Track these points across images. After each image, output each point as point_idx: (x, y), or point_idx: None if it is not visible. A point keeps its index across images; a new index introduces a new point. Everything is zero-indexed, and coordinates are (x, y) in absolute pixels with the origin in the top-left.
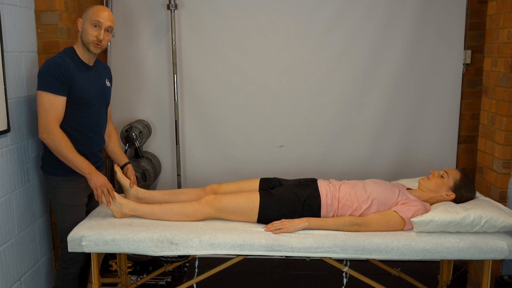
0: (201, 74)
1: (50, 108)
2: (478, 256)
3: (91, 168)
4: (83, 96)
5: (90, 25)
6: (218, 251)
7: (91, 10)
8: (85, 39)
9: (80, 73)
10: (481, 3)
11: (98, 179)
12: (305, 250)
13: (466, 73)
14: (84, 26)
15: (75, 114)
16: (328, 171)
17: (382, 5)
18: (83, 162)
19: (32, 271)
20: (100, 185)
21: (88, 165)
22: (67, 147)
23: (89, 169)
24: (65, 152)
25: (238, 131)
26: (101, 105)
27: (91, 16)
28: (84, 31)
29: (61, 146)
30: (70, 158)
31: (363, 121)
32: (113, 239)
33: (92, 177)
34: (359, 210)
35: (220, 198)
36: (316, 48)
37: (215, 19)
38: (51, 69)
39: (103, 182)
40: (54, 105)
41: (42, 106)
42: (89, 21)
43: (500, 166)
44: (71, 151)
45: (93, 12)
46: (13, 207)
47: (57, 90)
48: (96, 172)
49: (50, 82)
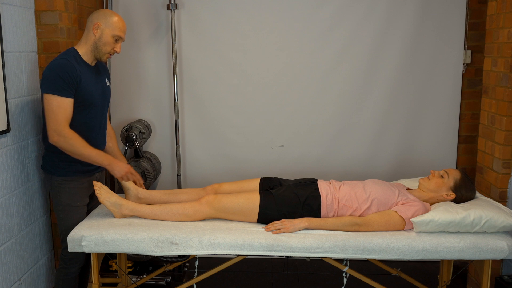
0: (201, 74)
1: (59, 111)
2: (478, 256)
3: (110, 159)
4: (88, 97)
5: (111, 36)
6: (218, 251)
7: (114, 20)
8: (102, 48)
9: (86, 75)
10: (481, 3)
11: (120, 168)
12: (305, 250)
13: (466, 73)
14: (103, 34)
15: (80, 114)
16: (328, 171)
17: (382, 5)
18: (100, 155)
19: (32, 271)
20: (125, 173)
21: (106, 157)
22: (81, 144)
23: (108, 160)
24: (81, 150)
25: (238, 131)
26: (104, 105)
27: (114, 28)
28: (103, 40)
29: (75, 146)
30: (87, 155)
31: (363, 121)
32: (113, 239)
33: (114, 167)
34: (359, 211)
35: (220, 198)
36: (316, 48)
37: (215, 19)
38: (57, 71)
39: (126, 168)
40: (63, 107)
41: (51, 109)
42: (111, 32)
43: (500, 166)
44: (85, 147)
45: (117, 25)
46: (13, 207)
47: (65, 92)
48: (116, 162)
49: (58, 85)
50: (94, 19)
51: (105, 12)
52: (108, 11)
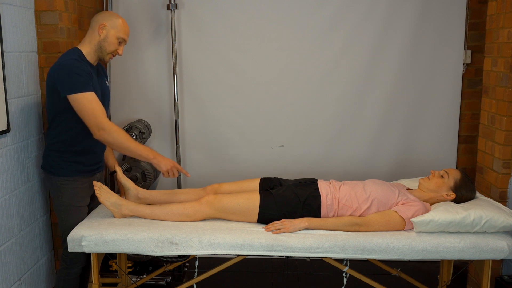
0: (201, 74)
1: (92, 106)
2: (478, 256)
3: (155, 153)
4: None
5: (115, 37)
6: (218, 251)
7: (120, 22)
8: (107, 48)
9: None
10: (481, 3)
11: (166, 162)
12: (305, 250)
13: (466, 73)
14: (108, 34)
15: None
16: (328, 171)
17: (382, 5)
18: (145, 149)
19: (32, 271)
20: (171, 167)
21: (151, 151)
22: (126, 138)
23: (153, 154)
24: (127, 143)
25: (238, 131)
26: (105, 104)
27: (119, 30)
28: (108, 41)
29: (121, 139)
30: (132, 148)
31: (363, 121)
32: (113, 239)
33: (159, 162)
34: (359, 211)
35: (220, 198)
36: (316, 48)
37: (215, 19)
38: (73, 71)
39: (172, 163)
40: (94, 101)
41: (83, 107)
42: (116, 33)
43: (500, 166)
44: (130, 141)
45: (122, 27)
46: (13, 207)
47: (88, 87)
48: (160, 156)
49: (79, 82)
50: (100, 19)
51: (111, 13)
52: (113, 13)
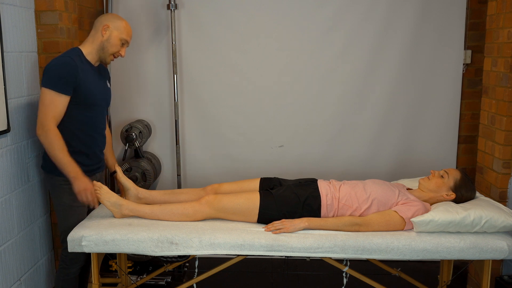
0: (201, 74)
1: (50, 106)
2: (478, 256)
3: (78, 173)
4: (90, 97)
5: (118, 39)
6: (218, 251)
7: (123, 24)
8: (110, 49)
9: (88, 74)
10: (481, 3)
11: (79, 184)
12: (305, 250)
13: (466, 73)
14: (111, 36)
15: (81, 114)
16: (328, 171)
17: (382, 5)
18: (70, 164)
19: (32, 271)
20: (83, 189)
21: (75, 169)
22: (59, 146)
23: (74, 173)
24: (56, 151)
25: (238, 131)
26: (104, 105)
27: (123, 32)
28: (110, 42)
29: (53, 145)
30: (59, 158)
31: (363, 121)
32: (113, 239)
33: (75, 181)
34: (359, 210)
35: (220, 198)
36: (316, 48)
37: (215, 19)
38: (59, 68)
39: (84, 186)
40: (54, 103)
41: (43, 102)
42: (120, 35)
43: (500, 166)
44: (61, 151)
45: (125, 29)
46: (13, 207)
47: (61, 89)
48: (81, 177)
49: (56, 80)
50: (103, 20)
51: (114, 15)
52: (117, 15)
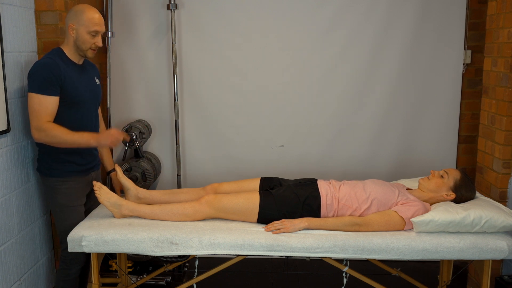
0: (201, 74)
1: (40, 109)
2: (478, 256)
3: (93, 134)
4: (76, 95)
5: (86, 33)
6: (218, 251)
7: (84, 17)
8: (82, 46)
9: (71, 73)
10: (481, 3)
11: (105, 136)
12: (305, 250)
13: (466, 73)
14: (78, 33)
15: (69, 113)
16: (328, 171)
17: (382, 5)
18: (82, 137)
19: (32, 271)
20: (111, 142)
21: (88, 135)
22: (63, 132)
23: (90, 137)
24: (63, 138)
25: (238, 131)
26: (94, 103)
27: (87, 24)
28: (80, 39)
29: (57, 135)
30: (70, 140)
31: (363, 121)
32: (113, 239)
33: (98, 139)
34: (359, 210)
35: (220, 198)
36: (316, 48)
37: (215, 19)
38: (40, 70)
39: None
40: (44, 105)
41: (32, 107)
42: (86, 29)
43: (500, 166)
44: (67, 134)
45: (90, 21)
46: (13, 207)
47: (48, 91)
48: (98, 134)
49: (40, 84)
50: (67, 20)
51: (76, 10)
52: (79, 7)
